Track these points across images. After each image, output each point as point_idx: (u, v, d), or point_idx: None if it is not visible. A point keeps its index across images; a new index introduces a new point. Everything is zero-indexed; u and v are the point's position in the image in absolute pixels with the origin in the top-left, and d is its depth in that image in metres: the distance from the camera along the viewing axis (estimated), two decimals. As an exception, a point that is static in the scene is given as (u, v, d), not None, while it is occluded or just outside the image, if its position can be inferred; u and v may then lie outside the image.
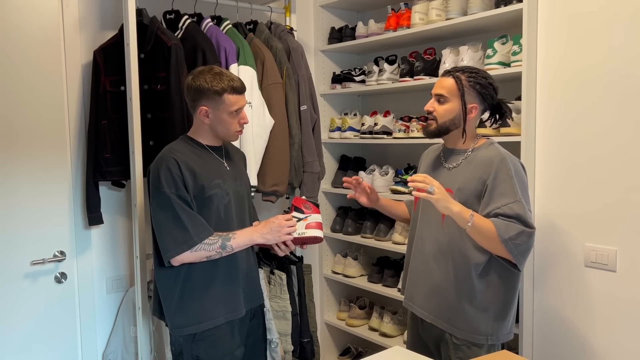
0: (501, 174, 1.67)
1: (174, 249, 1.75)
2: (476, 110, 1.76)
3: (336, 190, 2.99)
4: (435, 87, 1.78)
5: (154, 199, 1.78)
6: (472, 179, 1.72)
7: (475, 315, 1.73)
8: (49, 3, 2.21)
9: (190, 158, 1.81)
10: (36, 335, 2.24)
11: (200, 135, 1.88)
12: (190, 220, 1.75)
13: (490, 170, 1.69)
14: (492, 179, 1.68)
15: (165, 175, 1.75)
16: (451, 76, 1.75)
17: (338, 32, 2.95)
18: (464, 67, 1.78)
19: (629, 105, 1.92)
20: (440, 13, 2.43)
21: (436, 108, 1.77)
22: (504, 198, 1.65)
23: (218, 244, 1.78)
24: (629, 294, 1.95)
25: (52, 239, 2.26)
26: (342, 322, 3.03)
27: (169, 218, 1.75)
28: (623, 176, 1.94)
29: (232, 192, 1.89)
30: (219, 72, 1.81)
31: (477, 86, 1.73)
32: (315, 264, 3.08)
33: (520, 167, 1.72)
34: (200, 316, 1.81)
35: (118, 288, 2.44)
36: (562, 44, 2.08)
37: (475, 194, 1.71)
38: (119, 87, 2.20)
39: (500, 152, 1.72)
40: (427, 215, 1.85)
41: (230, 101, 1.80)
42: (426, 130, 1.81)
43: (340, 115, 3.10)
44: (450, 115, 1.75)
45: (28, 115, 2.18)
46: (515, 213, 1.64)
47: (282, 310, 2.39)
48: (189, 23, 2.30)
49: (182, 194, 1.76)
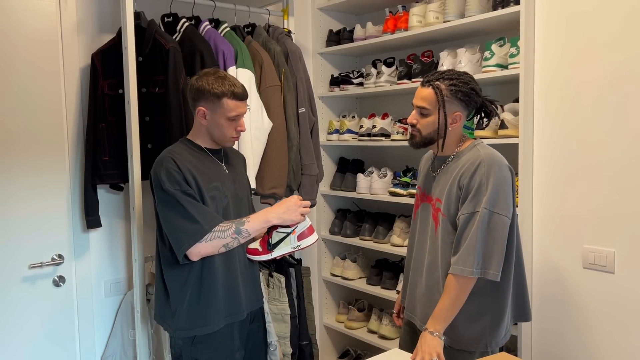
0: (473, 179, 1.65)
1: (187, 241, 1.72)
2: (461, 117, 1.73)
3: (335, 193, 3.00)
4: (416, 99, 1.74)
5: (158, 198, 1.78)
6: (452, 186, 1.71)
7: (471, 325, 1.71)
8: (47, 6, 2.21)
9: (189, 160, 1.81)
10: (34, 339, 2.23)
11: (199, 138, 1.88)
12: (198, 211, 1.73)
13: (467, 174, 1.67)
14: (466, 185, 1.66)
15: (167, 174, 1.75)
16: (430, 86, 1.71)
17: (336, 35, 2.96)
18: (444, 73, 1.72)
19: (626, 107, 1.92)
20: (438, 15, 2.44)
21: (419, 121, 1.74)
22: (467, 207, 1.65)
23: (232, 230, 1.76)
24: (627, 296, 1.95)
25: (50, 242, 2.26)
26: (340, 325, 3.03)
27: (176, 213, 1.74)
28: (621, 177, 1.94)
29: (231, 195, 1.89)
30: (223, 76, 1.81)
31: (459, 94, 1.69)
32: (314, 266, 3.08)
33: (500, 169, 1.66)
34: (202, 319, 1.81)
35: (116, 291, 2.43)
36: (560, 46, 2.08)
37: (456, 199, 1.70)
38: (117, 90, 2.20)
39: (479, 155, 1.68)
40: (424, 227, 1.84)
41: (229, 106, 1.80)
42: (410, 142, 1.80)
43: (338, 117, 3.10)
44: (433, 127, 1.72)
45: (26, 119, 2.18)
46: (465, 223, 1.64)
47: (281, 313, 2.39)
48: (187, 26, 2.31)
49: (185, 189, 1.75)
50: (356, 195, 2.87)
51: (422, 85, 1.74)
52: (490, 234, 1.62)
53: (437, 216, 1.75)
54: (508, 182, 1.66)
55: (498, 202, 1.62)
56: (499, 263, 1.63)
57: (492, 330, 1.72)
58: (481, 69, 2.28)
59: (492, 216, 1.62)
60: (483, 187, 1.62)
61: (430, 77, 1.73)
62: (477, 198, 1.63)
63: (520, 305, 1.81)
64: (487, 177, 1.63)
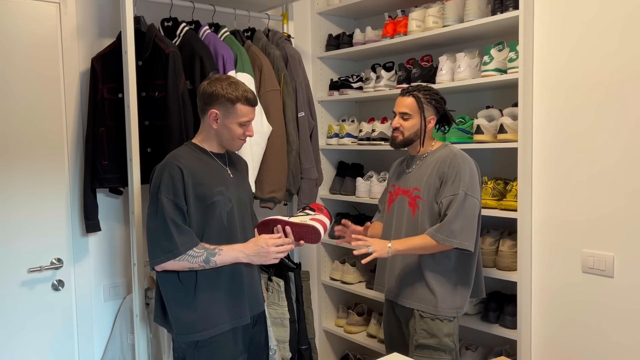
0: (451, 169, 1.97)
1: (159, 256, 1.77)
2: (434, 120, 2.09)
3: (334, 197, 3.00)
4: (399, 106, 2.07)
5: (151, 203, 1.80)
6: (432, 176, 2.02)
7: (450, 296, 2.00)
8: (47, 11, 2.22)
9: (194, 164, 1.82)
10: (33, 343, 2.23)
11: (206, 142, 1.90)
12: (178, 231, 1.76)
13: (444, 166, 1.99)
14: (445, 174, 1.98)
15: (166, 181, 1.77)
16: (411, 95, 2.06)
17: (335, 39, 2.96)
18: (417, 86, 2.08)
19: (625, 111, 1.93)
20: (437, 20, 2.45)
21: (402, 124, 2.07)
22: (448, 190, 1.96)
23: (202, 258, 1.79)
24: (626, 300, 1.95)
25: (49, 246, 2.26)
26: (340, 329, 3.02)
27: (159, 225, 1.76)
28: (620, 182, 1.95)
29: (235, 200, 1.90)
30: (235, 82, 1.86)
31: (433, 102, 2.06)
32: (313, 270, 3.07)
33: (470, 162, 1.99)
34: (206, 323, 1.81)
35: (115, 295, 2.43)
36: (558, 50, 2.09)
37: (435, 185, 2.00)
38: (116, 94, 2.21)
39: (452, 151, 2.03)
40: (400, 215, 2.11)
41: (241, 111, 1.83)
42: (394, 143, 2.11)
43: (337, 121, 3.11)
44: (414, 129, 2.07)
45: (26, 123, 2.18)
46: (448, 203, 1.94)
47: (280, 317, 2.39)
48: (187, 30, 2.31)
49: (178, 202, 1.77)
50: (355, 199, 2.87)
51: (402, 95, 2.09)
52: (466, 212, 1.93)
53: (415, 202, 2.06)
54: (476, 173, 2.00)
55: (471, 187, 1.95)
56: (473, 236, 1.94)
57: (462, 296, 2.03)
58: (480, 73, 2.28)
59: (467, 198, 1.94)
60: (459, 175, 1.96)
61: (409, 89, 2.08)
62: (455, 184, 1.95)
63: (477, 282, 2.10)
64: (462, 167, 1.96)
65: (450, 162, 1.98)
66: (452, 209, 1.93)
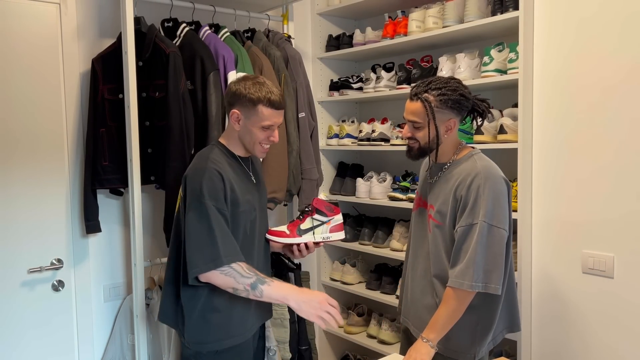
0: (470, 192, 1.65)
1: (200, 266, 1.65)
2: (455, 123, 1.73)
3: (334, 197, 3.00)
4: (407, 113, 1.74)
5: (193, 209, 1.67)
6: (449, 194, 1.71)
7: (463, 334, 1.72)
8: (48, 11, 2.22)
9: (228, 171, 1.74)
10: (33, 343, 2.23)
11: (232, 144, 1.82)
12: (223, 239, 1.66)
13: (462, 187, 1.67)
14: (464, 196, 1.66)
15: (208, 186, 1.67)
16: (419, 100, 1.70)
17: (335, 40, 2.97)
18: (430, 82, 1.71)
19: (625, 112, 1.93)
20: (437, 21, 2.45)
21: (414, 134, 1.74)
22: (465, 219, 1.64)
23: (250, 281, 1.66)
24: (627, 301, 1.95)
25: (49, 246, 2.26)
26: (340, 330, 3.02)
27: (203, 231, 1.66)
28: (620, 183, 1.95)
29: (258, 207, 1.84)
30: (262, 82, 1.74)
31: (449, 102, 1.68)
32: (313, 271, 3.08)
33: (496, 182, 1.66)
34: (224, 333, 1.76)
35: (115, 296, 2.43)
36: (558, 51, 2.09)
37: (451, 209, 1.70)
38: (117, 95, 2.21)
39: (476, 167, 1.68)
40: (420, 231, 1.85)
41: (263, 114, 1.72)
42: (409, 154, 1.79)
43: (338, 122, 3.11)
44: (431, 136, 1.72)
45: (26, 123, 2.18)
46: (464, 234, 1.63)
47: (280, 317, 2.39)
48: (187, 31, 2.31)
49: (222, 208, 1.68)
50: (355, 200, 2.87)
51: (410, 99, 1.73)
52: (490, 248, 1.62)
53: (429, 223, 1.77)
54: (504, 195, 1.66)
55: (495, 215, 1.62)
56: (500, 276, 1.63)
57: (482, 339, 1.73)
58: (480, 74, 2.28)
59: (491, 229, 1.62)
60: (480, 200, 1.62)
61: (418, 90, 1.71)
62: (474, 210, 1.62)
63: (510, 316, 1.82)
64: (483, 190, 1.63)
65: (471, 184, 1.65)
66: (471, 244, 1.61)
